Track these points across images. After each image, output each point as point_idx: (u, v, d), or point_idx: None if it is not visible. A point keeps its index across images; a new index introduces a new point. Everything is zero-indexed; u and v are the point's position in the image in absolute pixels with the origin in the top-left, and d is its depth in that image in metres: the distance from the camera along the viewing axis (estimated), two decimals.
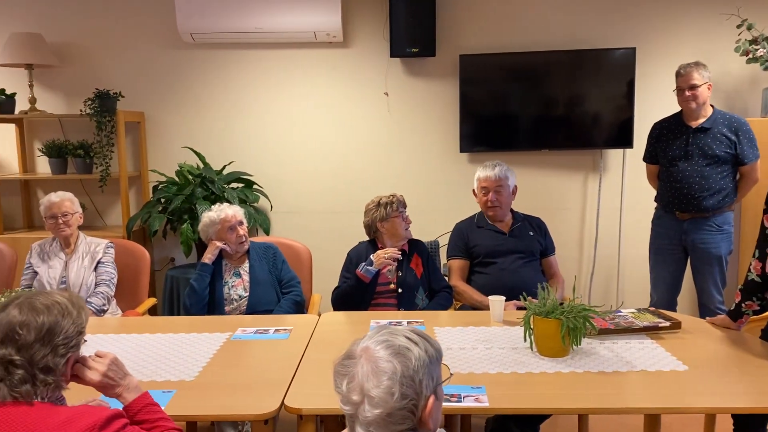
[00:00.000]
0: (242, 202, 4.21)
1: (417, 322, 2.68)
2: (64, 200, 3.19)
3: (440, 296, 3.16)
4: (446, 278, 3.30)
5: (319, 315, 2.87)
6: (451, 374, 1.43)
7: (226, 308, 3.08)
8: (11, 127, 4.56)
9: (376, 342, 1.26)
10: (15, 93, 4.35)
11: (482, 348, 2.34)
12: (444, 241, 3.57)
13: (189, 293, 3.02)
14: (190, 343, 2.43)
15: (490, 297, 2.73)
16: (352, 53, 4.51)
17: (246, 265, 3.16)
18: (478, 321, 2.68)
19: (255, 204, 4.44)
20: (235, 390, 2.00)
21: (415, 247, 3.21)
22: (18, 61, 4.20)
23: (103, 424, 1.41)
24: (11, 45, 4.17)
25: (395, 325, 2.60)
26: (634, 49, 4.26)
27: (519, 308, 2.81)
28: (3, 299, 2.16)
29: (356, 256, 3.15)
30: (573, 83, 4.35)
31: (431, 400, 1.24)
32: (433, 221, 4.28)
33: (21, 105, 4.40)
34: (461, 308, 3.18)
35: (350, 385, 1.23)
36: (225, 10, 4.17)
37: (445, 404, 1.82)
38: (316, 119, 4.59)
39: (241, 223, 3.14)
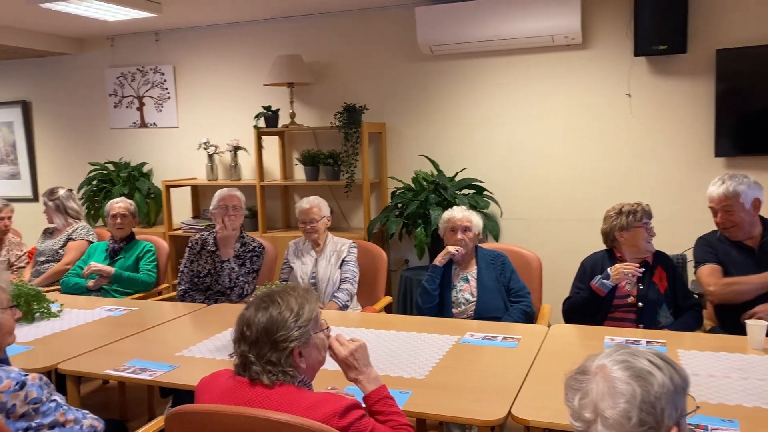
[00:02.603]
0: (472, 208, 4.26)
1: (658, 342, 2.47)
2: (312, 207, 3.50)
3: (687, 315, 2.87)
4: (695, 296, 2.99)
5: (549, 326, 2.79)
6: (698, 407, 1.29)
7: (454, 311, 3.14)
8: (275, 139, 5.18)
9: (613, 361, 1.19)
10: (279, 109, 4.93)
11: (736, 377, 2.08)
12: (692, 256, 3.23)
13: (421, 293, 3.15)
14: (421, 343, 2.53)
15: (748, 321, 2.41)
16: (592, 54, 4.32)
17: (474, 271, 3.20)
18: (732, 346, 2.38)
19: (485, 210, 4.47)
20: (464, 393, 2.04)
21: (659, 259, 2.96)
22: (281, 80, 4.76)
23: (343, 413, 1.53)
24: (276, 66, 4.74)
25: (632, 343, 2.46)
26: None
27: None
28: (259, 292, 2.47)
29: (591, 266, 3.00)
30: None
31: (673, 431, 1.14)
32: (680, 233, 3.90)
33: (283, 119, 4.97)
34: (711, 331, 2.86)
35: (582, 401, 1.18)
36: (463, 21, 4.28)
37: None
38: (550, 124, 4.48)
39: (466, 229, 3.18)
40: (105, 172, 5.51)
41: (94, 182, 5.47)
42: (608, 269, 2.79)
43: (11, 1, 4.31)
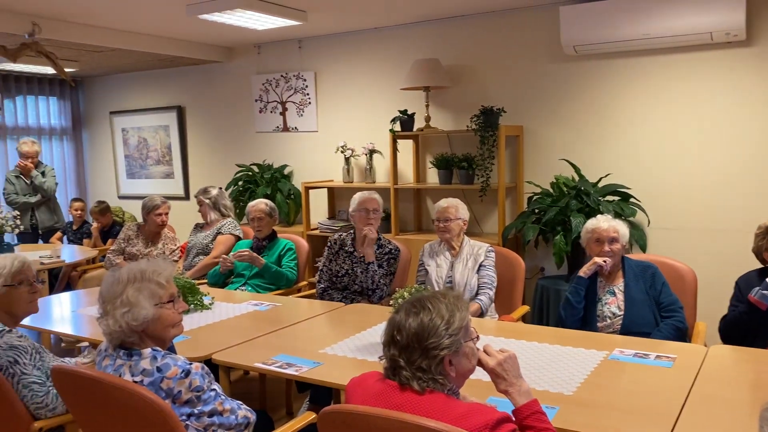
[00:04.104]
0: (617, 216, 4.04)
1: None
2: (450, 207, 3.47)
3: None
4: None
5: (706, 346, 2.57)
6: None
7: (599, 324, 2.99)
8: (409, 143, 5.21)
9: None
10: (414, 113, 4.95)
11: None
12: None
13: (564, 305, 3.03)
14: (565, 356, 2.42)
15: None
16: (757, 52, 3.96)
17: (621, 284, 3.02)
18: None
19: (631, 218, 4.22)
20: (617, 413, 1.92)
21: None
22: (418, 84, 4.78)
23: (494, 425, 1.48)
24: (414, 71, 4.77)
25: None
26: None
27: None
28: (399, 295, 2.46)
29: (745, 286, 2.77)
30: None
31: None
32: None
33: (418, 123, 4.99)
34: None
35: None
36: (611, 20, 4.08)
37: None
38: (706, 127, 4.16)
39: (613, 240, 3.01)
40: (250, 173, 5.81)
41: (240, 183, 5.79)
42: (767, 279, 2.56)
43: (172, 14, 4.67)
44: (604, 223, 3.05)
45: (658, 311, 2.95)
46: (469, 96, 4.96)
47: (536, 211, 4.37)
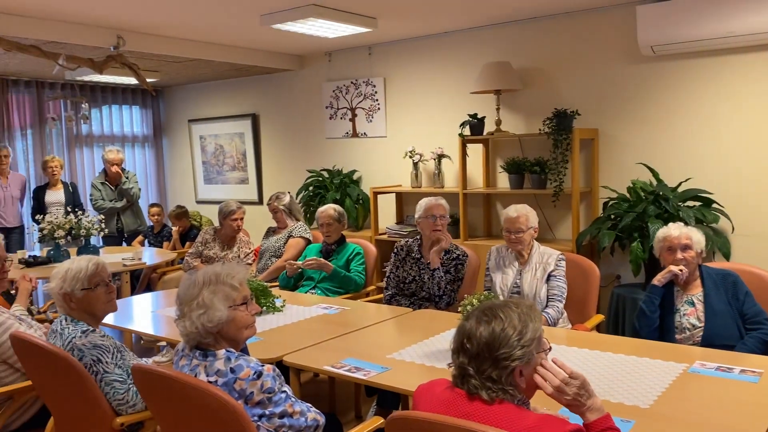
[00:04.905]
0: (698, 222, 3.87)
1: None
2: (520, 216, 3.33)
3: None
4: None
5: None
6: None
7: (677, 336, 2.86)
8: (479, 147, 5.16)
9: None
10: (484, 117, 4.90)
11: None
12: None
13: (638, 316, 2.92)
14: (642, 368, 2.33)
15: None
16: None
17: (700, 294, 2.89)
18: None
19: (713, 225, 4.03)
20: (697, 428, 1.83)
21: None
22: (488, 88, 4.72)
23: None
24: (484, 74, 4.72)
25: None
26: None
27: None
28: (468, 302, 2.44)
29: None
30: None
31: None
32: None
33: (488, 127, 4.94)
34: None
35: None
36: (693, 18, 3.90)
37: None
38: None
39: (686, 247, 2.88)
40: (320, 178, 5.91)
41: (311, 188, 5.89)
42: None
43: (247, 25, 4.81)
44: (675, 230, 2.93)
45: (742, 323, 2.80)
46: (542, 99, 4.87)
47: (612, 216, 4.23)
